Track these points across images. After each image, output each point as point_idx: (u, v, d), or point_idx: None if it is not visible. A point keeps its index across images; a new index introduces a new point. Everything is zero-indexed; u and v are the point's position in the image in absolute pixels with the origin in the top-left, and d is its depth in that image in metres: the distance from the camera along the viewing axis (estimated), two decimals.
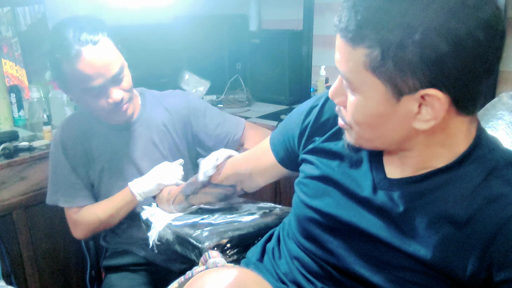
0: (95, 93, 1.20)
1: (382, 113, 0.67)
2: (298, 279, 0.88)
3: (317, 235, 0.85)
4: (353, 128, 0.74)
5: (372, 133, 0.72)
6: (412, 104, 0.64)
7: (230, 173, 1.09)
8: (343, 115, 0.75)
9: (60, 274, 1.74)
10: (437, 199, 0.71)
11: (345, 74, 0.68)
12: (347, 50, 0.66)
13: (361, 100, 0.69)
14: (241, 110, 2.13)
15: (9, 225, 1.56)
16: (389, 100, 0.65)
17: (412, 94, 0.63)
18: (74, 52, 1.14)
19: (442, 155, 0.71)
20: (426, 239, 0.71)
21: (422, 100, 0.63)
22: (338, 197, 0.82)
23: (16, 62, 2.01)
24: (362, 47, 0.63)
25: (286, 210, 1.18)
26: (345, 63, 0.67)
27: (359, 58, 0.64)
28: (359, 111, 0.70)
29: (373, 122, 0.70)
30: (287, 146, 0.97)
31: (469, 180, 0.70)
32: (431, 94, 0.62)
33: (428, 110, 0.64)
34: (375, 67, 0.63)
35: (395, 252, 0.74)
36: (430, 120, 0.65)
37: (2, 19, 1.95)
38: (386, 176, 0.78)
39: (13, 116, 1.89)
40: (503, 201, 0.67)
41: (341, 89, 0.73)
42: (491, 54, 0.61)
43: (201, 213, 1.18)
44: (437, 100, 0.62)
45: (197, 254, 1.03)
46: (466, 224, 0.68)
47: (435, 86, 0.61)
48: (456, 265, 0.69)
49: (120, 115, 1.27)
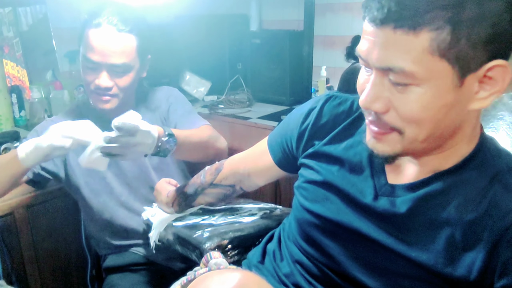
0: (89, 67, 1.24)
1: (448, 101, 0.62)
2: (299, 281, 0.88)
3: (317, 240, 0.85)
4: (405, 131, 0.66)
5: (431, 131, 0.65)
6: (473, 83, 0.62)
7: (228, 173, 1.09)
8: (388, 121, 0.67)
9: (61, 274, 1.74)
10: (439, 204, 0.71)
11: (407, 68, 0.60)
12: (406, 40, 0.59)
13: (425, 92, 0.61)
14: (241, 111, 2.13)
15: (11, 225, 1.56)
16: (455, 84, 0.61)
17: (477, 71, 0.61)
18: (97, 23, 1.21)
19: (446, 156, 0.71)
20: (428, 245, 0.71)
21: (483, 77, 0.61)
22: (339, 203, 0.82)
23: (17, 63, 2.01)
24: (427, 30, 0.58)
25: (287, 211, 1.19)
26: (403, 55, 0.60)
27: (423, 44, 0.58)
28: (422, 106, 0.62)
29: (436, 114, 0.63)
30: (285, 148, 0.96)
31: (472, 186, 0.69)
32: (499, 64, 0.60)
33: (486, 87, 0.62)
34: (444, 49, 0.58)
35: (397, 258, 0.73)
36: (492, 94, 0.62)
37: (4, 19, 1.95)
38: (388, 181, 0.77)
39: (14, 117, 1.90)
40: (507, 206, 0.66)
41: (381, 93, 0.65)
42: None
43: (202, 213, 1.18)
44: (504, 70, 0.60)
45: (198, 255, 1.03)
46: (470, 230, 0.68)
47: (502, 57, 0.60)
48: (460, 271, 0.68)
49: (98, 102, 1.29)
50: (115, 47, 1.22)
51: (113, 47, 1.22)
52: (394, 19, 0.58)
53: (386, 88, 0.65)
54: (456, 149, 0.70)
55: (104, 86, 1.24)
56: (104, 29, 1.21)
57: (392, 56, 0.61)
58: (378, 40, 0.61)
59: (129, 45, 1.24)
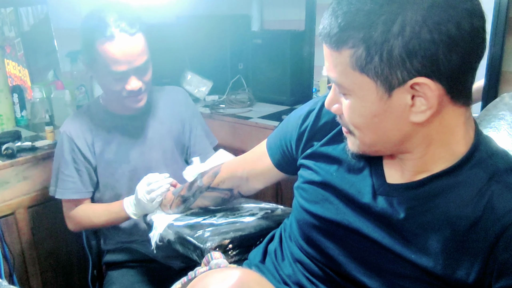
0: (117, 78, 1.27)
1: (377, 111, 0.68)
2: (301, 281, 0.87)
3: (317, 241, 0.85)
4: (354, 134, 0.74)
5: (373, 136, 0.72)
6: (404, 97, 0.65)
7: (226, 177, 1.09)
8: (344, 122, 0.76)
9: (62, 274, 1.75)
10: (438, 205, 0.71)
11: (336, 79, 0.70)
12: (333, 55, 0.68)
13: (355, 102, 0.69)
14: (243, 111, 2.12)
15: (12, 225, 1.57)
16: (381, 96, 0.66)
17: (402, 86, 0.64)
18: (109, 34, 1.22)
19: (442, 156, 0.71)
20: (427, 246, 0.70)
21: (413, 90, 0.64)
22: (338, 203, 0.82)
23: (19, 62, 2.01)
24: (346, 48, 0.65)
25: (288, 211, 1.18)
26: (333, 68, 0.69)
27: (345, 60, 0.66)
28: (355, 113, 0.70)
29: (371, 123, 0.70)
30: (284, 150, 0.96)
31: (470, 186, 0.69)
32: (421, 82, 0.63)
33: (422, 101, 0.64)
34: (362, 66, 0.65)
35: (396, 259, 0.73)
36: (426, 110, 0.65)
37: (5, 19, 1.96)
38: (386, 181, 0.77)
39: (16, 116, 1.90)
40: (504, 207, 0.66)
41: (335, 97, 0.75)
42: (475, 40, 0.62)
43: (203, 213, 1.18)
44: (428, 88, 0.63)
45: (198, 255, 1.03)
46: (469, 231, 0.68)
47: (424, 74, 0.62)
48: (459, 273, 0.68)
49: (133, 103, 1.33)
50: (136, 51, 1.26)
51: (135, 52, 1.25)
52: (326, 36, 0.68)
53: (338, 94, 0.73)
54: (452, 146, 0.70)
55: (138, 89, 1.29)
56: (120, 39, 1.23)
57: (329, 68, 0.71)
58: (324, 53, 0.71)
59: (142, 43, 1.28)
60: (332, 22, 0.66)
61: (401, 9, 0.60)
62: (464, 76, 0.64)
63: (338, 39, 0.65)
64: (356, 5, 0.64)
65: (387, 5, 0.61)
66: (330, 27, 0.67)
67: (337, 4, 0.66)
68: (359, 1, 0.64)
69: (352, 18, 0.64)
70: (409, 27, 0.60)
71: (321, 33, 0.69)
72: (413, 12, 0.60)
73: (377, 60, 0.63)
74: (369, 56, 0.63)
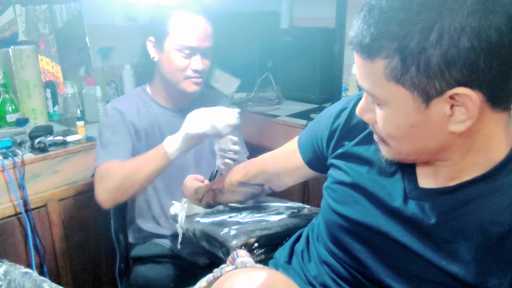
0: (186, 52, 1.33)
1: (414, 122, 0.65)
2: (327, 283, 0.86)
3: (345, 243, 0.83)
4: (389, 143, 0.71)
5: (409, 146, 0.69)
6: (443, 107, 0.62)
7: (257, 172, 1.08)
8: (377, 130, 0.73)
9: (91, 266, 1.78)
10: (472, 212, 0.68)
11: (369, 89, 0.67)
12: (365, 65, 0.65)
13: (390, 112, 0.67)
14: (270, 108, 2.12)
15: (44, 217, 1.60)
16: (418, 107, 0.63)
17: (441, 96, 0.61)
18: (188, 10, 1.33)
19: (478, 163, 0.68)
20: (459, 253, 0.68)
21: (452, 100, 0.61)
22: (367, 205, 0.80)
23: (52, 59, 2.06)
24: (379, 58, 0.62)
25: (315, 211, 1.17)
26: (366, 78, 0.66)
27: (379, 70, 0.63)
28: (391, 124, 0.68)
29: (407, 134, 0.67)
30: (315, 148, 0.95)
31: (506, 193, 0.66)
32: (460, 93, 0.59)
33: (462, 110, 0.61)
34: (397, 76, 0.62)
35: (427, 265, 0.71)
36: (466, 120, 0.62)
37: (40, 16, 2.00)
38: (418, 185, 0.75)
39: (48, 111, 1.94)
40: None
41: (368, 106, 0.72)
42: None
43: (229, 211, 1.18)
44: (468, 99, 0.60)
45: (224, 252, 1.03)
46: (503, 239, 0.65)
47: (463, 84, 0.59)
48: (491, 281, 0.66)
49: (190, 86, 1.38)
50: (207, 32, 1.35)
51: (206, 32, 1.35)
52: (357, 45, 0.65)
53: (371, 103, 0.71)
54: (489, 152, 0.67)
55: (202, 69, 1.35)
56: (196, 16, 1.32)
57: (361, 77, 0.68)
58: (356, 62, 0.68)
59: (211, 29, 1.37)
60: (364, 30, 0.63)
61: (438, 17, 0.57)
62: (505, 82, 0.61)
63: (370, 49, 0.63)
64: (389, 13, 0.60)
65: (424, 13, 0.58)
66: (362, 36, 0.63)
67: (368, 12, 0.63)
68: (392, 9, 0.60)
69: (385, 27, 0.61)
70: (447, 36, 0.57)
71: (352, 41, 0.66)
72: (451, 20, 0.57)
73: (414, 71, 0.60)
74: (405, 67, 0.60)
